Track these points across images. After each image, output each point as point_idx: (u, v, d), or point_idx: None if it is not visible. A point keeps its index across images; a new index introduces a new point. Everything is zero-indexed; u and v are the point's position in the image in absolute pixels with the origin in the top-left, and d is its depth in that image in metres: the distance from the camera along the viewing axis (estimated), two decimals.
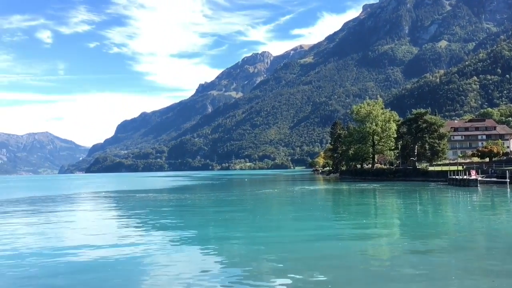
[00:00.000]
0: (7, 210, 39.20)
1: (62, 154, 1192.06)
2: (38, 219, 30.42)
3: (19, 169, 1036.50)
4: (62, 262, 15.80)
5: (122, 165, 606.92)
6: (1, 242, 20.29)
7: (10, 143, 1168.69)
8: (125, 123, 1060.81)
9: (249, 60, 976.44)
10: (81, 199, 54.18)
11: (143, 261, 15.67)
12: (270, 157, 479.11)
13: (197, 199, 47.60)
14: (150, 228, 24.07)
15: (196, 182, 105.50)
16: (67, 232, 23.72)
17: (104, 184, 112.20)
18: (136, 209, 36.88)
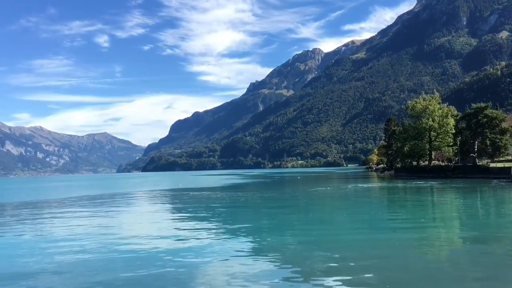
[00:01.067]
0: (69, 208, 41.18)
1: (120, 153, 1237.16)
2: (97, 216, 31.73)
3: (80, 168, 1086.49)
4: (120, 258, 16.31)
5: (176, 164, 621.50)
6: (63, 239, 21.30)
7: (72, 144, 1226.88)
8: (179, 123, 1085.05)
9: (299, 58, 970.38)
10: (138, 197, 55.96)
11: (196, 258, 15.88)
12: (322, 154, 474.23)
13: (249, 197, 47.84)
14: (203, 225, 24.40)
15: (248, 180, 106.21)
16: (125, 229, 24.50)
17: (159, 182, 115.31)
18: (190, 206, 37.55)
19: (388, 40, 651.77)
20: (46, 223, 28.39)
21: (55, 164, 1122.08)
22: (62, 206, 43.34)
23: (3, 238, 22.27)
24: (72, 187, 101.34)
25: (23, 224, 28.01)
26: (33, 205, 46.32)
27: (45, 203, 49.24)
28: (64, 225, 26.60)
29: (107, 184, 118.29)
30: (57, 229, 24.89)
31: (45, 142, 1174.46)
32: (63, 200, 52.09)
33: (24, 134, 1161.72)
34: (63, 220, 29.33)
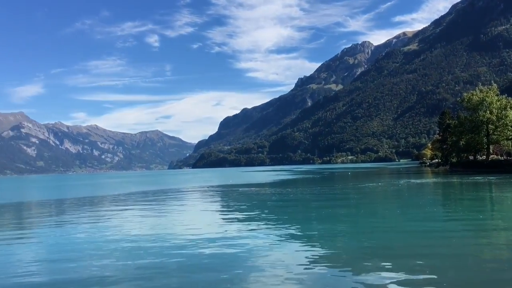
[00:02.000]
0: (124, 203, 42.54)
1: (171, 150, 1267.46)
2: (150, 211, 32.53)
3: (133, 165, 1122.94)
4: (169, 254, 16.56)
5: (225, 160, 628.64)
6: (118, 233, 21.95)
7: (125, 141, 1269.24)
8: (228, 120, 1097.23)
9: (348, 51, 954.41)
10: (189, 192, 56.91)
11: (245, 254, 15.84)
12: (373, 149, 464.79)
13: (299, 193, 47.53)
14: (252, 221, 24.39)
15: (297, 176, 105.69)
16: (176, 224, 24.90)
17: (209, 178, 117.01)
18: (240, 202, 37.76)
19: (442, 30, 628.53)
20: (102, 218, 29.41)
21: (110, 161, 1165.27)
22: (117, 201, 44.84)
23: (63, 232, 23.20)
24: (126, 183, 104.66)
25: (81, 218, 29.15)
26: (91, 200, 48.28)
27: (101, 198, 51.15)
28: (119, 220, 27.47)
29: (159, 180, 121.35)
30: (112, 224, 25.74)
31: (101, 140, 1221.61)
32: (118, 196, 53.88)
33: (81, 132, 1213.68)
34: (118, 215, 30.29)
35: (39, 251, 18.30)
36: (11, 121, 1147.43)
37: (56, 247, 18.96)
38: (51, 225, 26.45)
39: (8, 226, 27.20)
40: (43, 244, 19.82)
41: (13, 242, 20.50)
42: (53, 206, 43.56)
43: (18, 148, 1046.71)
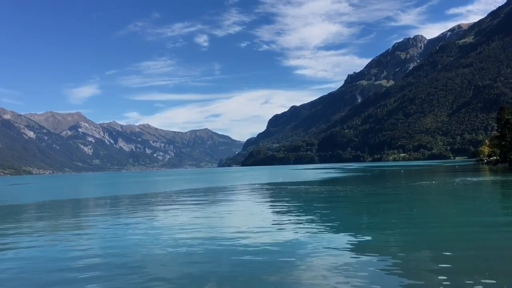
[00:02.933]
0: (176, 200, 43.47)
1: (220, 148, 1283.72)
2: (201, 209, 33.05)
3: (184, 163, 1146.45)
4: (220, 250, 16.72)
5: (274, 158, 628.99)
6: (171, 229, 22.45)
7: (176, 140, 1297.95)
8: (276, 117, 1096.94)
9: (400, 46, 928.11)
10: (238, 190, 57.35)
11: (296, 253, 15.74)
12: (426, 147, 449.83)
13: (349, 191, 46.76)
14: (303, 219, 24.21)
15: (347, 174, 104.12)
16: (225, 222, 25.12)
17: (258, 176, 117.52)
18: (289, 200, 37.61)
19: (500, 22, 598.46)
20: (155, 215, 30.18)
21: (162, 159, 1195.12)
22: (169, 198, 45.91)
23: (118, 228, 23.96)
24: (178, 181, 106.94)
25: (135, 215, 30.06)
26: (144, 197, 49.68)
27: (154, 196, 52.52)
28: (171, 217, 28.11)
29: (210, 178, 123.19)
30: (165, 220, 26.40)
31: (153, 139, 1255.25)
32: (170, 193, 55.19)
33: (134, 131, 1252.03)
34: (170, 212, 30.99)
35: (95, 245, 18.96)
36: (69, 121, 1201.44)
37: (112, 242, 19.60)
38: (107, 221, 27.42)
39: (67, 222, 28.44)
40: (100, 239, 20.55)
41: (72, 237, 21.42)
42: (108, 202, 45.21)
43: (76, 147, 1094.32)
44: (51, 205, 43.76)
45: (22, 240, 20.96)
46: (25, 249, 18.70)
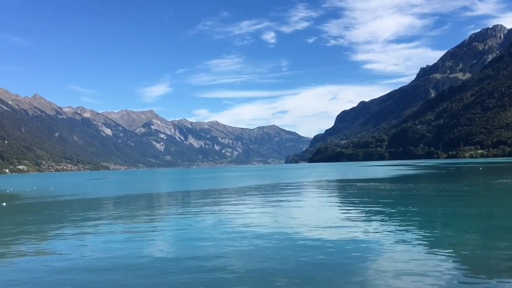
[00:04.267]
0: (243, 196, 43.97)
1: (287, 145, 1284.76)
2: (268, 205, 33.12)
3: (252, 159, 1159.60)
4: (287, 247, 16.61)
5: (342, 155, 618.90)
6: (237, 225, 22.66)
7: (244, 136, 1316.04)
8: (344, 113, 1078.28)
9: (477, 37, 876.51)
10: (306, 186, 56.94)
11: (366, 251, 15.32)
12: (506, 143, 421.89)
13: (422, 188, 44.86)
14: (373, 217, 23.55)
15: (419, 171, 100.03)
16: (293, 219, 24.96)
17: (326, 173, 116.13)
18: (359, 197, 36.77)
19: None
20: (224, 210, 30.65)
21: (230, 156, 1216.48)
22: (237, 194, 46.55)
23: (187, 223, 24.57)
24: (245, 177, 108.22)
25: (205, 210, 30.72)
26: (213, 193, 50.75)
27: (223, 191, 53.53)
28: (239, 213, 28.42)
29: (277, 174, 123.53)
30: (232, 216, 26.70)
31: (221, 135, 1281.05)
32: (238, 189, 55.95)
33: (203, 128, 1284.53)
34: (238, 208, 31.36)
35: (165, 239, 19.59)
36: (142, 119, 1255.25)
37: (182, 235, 20.17)
38: (178, 215, 28.30)
39: (142, 215, 29.66)
40: (171, 233, 21.21)
41: (146, 230, 22.33)
42: (179, 197, 46.63)
43: (149, 143, 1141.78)
44: (126, 199, 45.91)
45: (101, 231, 22.13)
46: (104, 241, 19.66)
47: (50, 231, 23.25)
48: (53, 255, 16.91)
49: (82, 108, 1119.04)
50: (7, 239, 20.94)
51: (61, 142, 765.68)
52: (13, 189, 79.18)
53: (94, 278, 13.26)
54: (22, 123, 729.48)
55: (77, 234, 21.73)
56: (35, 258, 16.38)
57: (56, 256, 16.59)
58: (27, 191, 69.32)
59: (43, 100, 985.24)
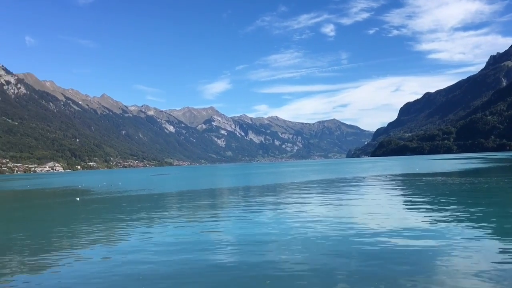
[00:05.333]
0: (304, 190, 43.67)
1: (349, 139, 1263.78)
2: (329, 200, 32.65)
3: (312, 154, 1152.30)
4: (350, 242, 16.21)
5: (406, 148, 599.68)
6: (297, 222, 22.47)
7: (304, 131, 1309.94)
8: (408, 105, 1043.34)
9: None
10: (369, 181, 55.60)
11: (433, 249, 14.64)
12: None
13: (493, 182, 42.36)
14: (439, 213, 22.53)
15: (491, 164, 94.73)
16: (355, 214, 24.42)
17: (389, 167, 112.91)
18: (426, 192, 35.37)
19: None
20: (284, 205, 30.57)
21: (290, 151, 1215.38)
22: (298, 189, 46.33)
23: (248, 218, 24.72)
24: (306, 171, 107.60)
25: (265, 205, 30.80)
26: (274, 188, 50.85)
27: (283, 186, 53.50)
28: (299, 208, 28.23)
29: (338, 168, 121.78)
30: (293, 211, 26.56)
31: (281, 130, 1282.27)
32: (298, 184, 55.69)
33: (263, 124, 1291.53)
34: (298, 203, 31.17)
35: (228, 233, 19.81)
36: (204, 115, 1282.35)
37: (243, 231, 20.29)
38: (239, 210, 28.54)
39: (203, 210, 30.21)
40: (232, 228, 21.41)
41: (208, 224, 22.68)
42: (241, 192, 47.09)
43: (210, 139, 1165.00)
44: (189, 194, 47.02)
45: (166, 225, 22.82)
46: (169, 235, 20.23)
47: (118, 224, 24.28)
48: (122, 248, 17.68)
49: (147, 106, 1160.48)
50: (80, 232, 22.09)
51: (127, 140, 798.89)
52: (85, 184, 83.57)
53: (162, 269, 13.69)
54: (92, 122, 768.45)
55: (144, 227, 22.54)
56: (105, 250, 17.18)
57: (124, 249, 17.33)
58: (98, 186, 72.90)
59: (110, 100, 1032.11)
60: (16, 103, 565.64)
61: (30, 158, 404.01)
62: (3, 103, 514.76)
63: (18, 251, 17.62)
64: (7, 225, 26.16)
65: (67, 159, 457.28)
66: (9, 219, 29.65)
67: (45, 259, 15.99)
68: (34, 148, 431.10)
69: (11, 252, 17.51)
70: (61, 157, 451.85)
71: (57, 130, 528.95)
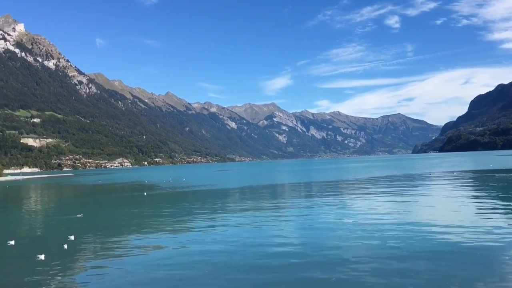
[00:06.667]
0: (369, 187, 42.63)
1: (415, 134, 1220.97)
2: (395, 197, 31.63)
3: (376, 149, 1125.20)
4: (415, 239, 15.63)
5: (477, 143, 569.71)
6: (361, 218, 21.89)
7: (367, 126, 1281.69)
8: (479, 98, 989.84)
9: None
10: (436, 178, 53.33)
11: (506, 251, 13.61)
12: None
13: None
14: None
15: None
16: (422, 211, 23.50)
17: (459, 163, 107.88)
18: (499, 189, 33.31)
19: None
20: (348, 201, 30.02)
21: (353, 146, 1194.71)
22: (362, 185, 45.35)
23: (312, 213, 24.43)
24: (370, 167, 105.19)
25: (329, 201, 30.34)
26: (337, 184, 50.04)
27: (347, 182, 52.56)
28: (364, 204, 27.65)
29: (403, 164, 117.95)
30: (358, 207, 26.03)
31: (343, 126, 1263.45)
32: (362, 180, 54.50)
33: (325, 119, 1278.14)
34: (363, 199, 30.51)
35: (290, 230, 19.69)
36: (265, 111, 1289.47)
37: (306, 226, 20.11)
38: (302, 206, 28.29)
39: (265, 205, 30.24)
40: (294, 224, 21.28)
41: (271, 220, 22.66)
42: (303, 188, 46.76)
43: (272, 135, 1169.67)
44: (251, 189, 47.36)
45: (229, 219, 23.09)
46: (232, 228, 20.49)
47: (183, 217, 24.93)
48: (187, 239, 18.21)
49: (209, 103, 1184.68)
50: (148, 225, 22.85)
51: (191, 136, 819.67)
52: (151, 180, 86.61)
53: (228, 260, 13.99)
54: (157, 119, 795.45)
55: (208, 221, 22.98)
56: (171, 241, 17.70)
57: (190, 241, 17.83)
58: (164, 181, 75.30)
59: (174, 97, 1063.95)
60: (87, 102, 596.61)
61: (101, 154, 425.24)
62: (76, 102, 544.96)
63: (94, 242, 18.44)
64: (80, 220, 27.50)
65: (135, 155, 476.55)
66: (83, 212, 31.16)
67: (118, 249, 16.63)
68: (105, 144, 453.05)
69: (90, 243, 18.35)
70: (129, 153, 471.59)
71: (125, 128, 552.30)
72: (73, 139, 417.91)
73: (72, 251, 16.57)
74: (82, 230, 21.78)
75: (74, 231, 20.88)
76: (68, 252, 16.41)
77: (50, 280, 12.75)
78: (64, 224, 24.57)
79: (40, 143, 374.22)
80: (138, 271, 13.34)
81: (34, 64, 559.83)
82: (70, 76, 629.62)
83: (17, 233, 21.57)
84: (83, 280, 12.69)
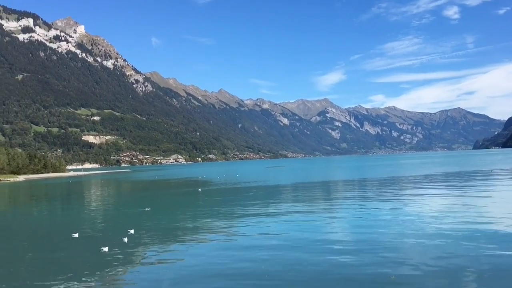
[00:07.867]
0: (424, 184, 41.39)
1: (476, 129, 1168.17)
2: (451, 195, 30.61)
3: (434, 145, 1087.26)
4: (473, 244, 15.07)
5: None
6: (417, 216, 21.31)
7: (424, 121, 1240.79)
8: None
9: None
10: (498, 175, 50.85)
11: None
12: None
13: None
14: None
15: None
16: (482, 212, 22.48)
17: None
18: None
19: None
20: (403, 198, 29.34)
21: (409, 142, 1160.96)
22: (418, 182, 44.16)
23: (365, 211, 24.06)
24: (427, 164, 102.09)
25: (383, 198, 29.77)
26: (392, 181, 48.98)
27: (402, 179, 51.35)
28: (420, 201, 27.01)
29: (463, 161, 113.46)
30: (414, 205, 25.47)
31: (399, 121, 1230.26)
32: (419, 177, 53.04)
33: (380, 114, 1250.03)
34: (419, 196, 29.78)
35: (343, 227, 19.57)
36: (317, 107, 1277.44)
37: (360, 224, 19.87)
38: (356, 204, 27.91)
39: (318, 202, 30.13)
40: (347, 222, 21.10)
41: (324, 218, 22.60)
42: (357, 185, 46.06)
43: (324, 131, 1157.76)
44: (304, 186, 47.20)
45: (280, 216, 23.18)
46: (284, 225, 20.57)
47: (237, 214, 25.24)
48: (240, 234, 18.55)
49: (261, 99, 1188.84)
50: (202, 221, 23.34)
51: (243, 132, 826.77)
52: (205, 176, 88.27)
53: (279, 256, 14.05)
54: (210, 116, 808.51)
55: (260, 217, 23.24)
56: (225, 237, 18.04)
57: (242, 236, 18.16)
58: (217, 177, 76.54)
59: (227, 94, 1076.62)
60: (144, 100, 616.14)
61: (157, 151, 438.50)
62: (133, 100, 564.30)
63: (151, 236, 19.09)
64: (139, 214, 28.48)
65: (189, 152, 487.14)
66: (141, 206, 32.24)
67: (173, 244, 17.15)
68: (160, 141, 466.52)
69: (145, 237, 19.03)
70: (184, 150, 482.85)
71: (179, 125, 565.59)
72: (130, 136, 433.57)
73: (133, 244, 17.22)
74: (141, 224, 22.57)
75: (133, 225, 21.67)
76: (128, 245, 17.07)
77: (114, 270, 13.35)
78: (123, 218, 25.59)
79: (99, 140, 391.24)
80: (198, 265, 13.70)
81: (93, 64, 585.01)
82: (127, 75, 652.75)
83: (80, 226, 22.67)
84: (148, 272, 13.18)
